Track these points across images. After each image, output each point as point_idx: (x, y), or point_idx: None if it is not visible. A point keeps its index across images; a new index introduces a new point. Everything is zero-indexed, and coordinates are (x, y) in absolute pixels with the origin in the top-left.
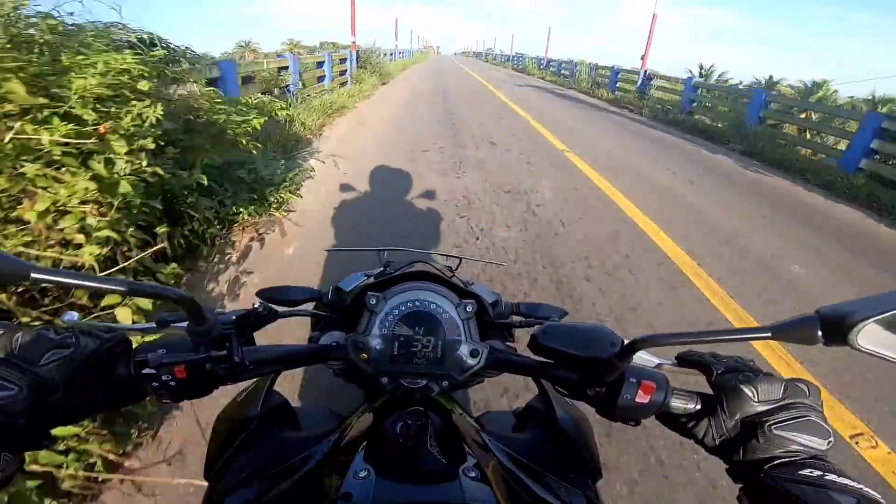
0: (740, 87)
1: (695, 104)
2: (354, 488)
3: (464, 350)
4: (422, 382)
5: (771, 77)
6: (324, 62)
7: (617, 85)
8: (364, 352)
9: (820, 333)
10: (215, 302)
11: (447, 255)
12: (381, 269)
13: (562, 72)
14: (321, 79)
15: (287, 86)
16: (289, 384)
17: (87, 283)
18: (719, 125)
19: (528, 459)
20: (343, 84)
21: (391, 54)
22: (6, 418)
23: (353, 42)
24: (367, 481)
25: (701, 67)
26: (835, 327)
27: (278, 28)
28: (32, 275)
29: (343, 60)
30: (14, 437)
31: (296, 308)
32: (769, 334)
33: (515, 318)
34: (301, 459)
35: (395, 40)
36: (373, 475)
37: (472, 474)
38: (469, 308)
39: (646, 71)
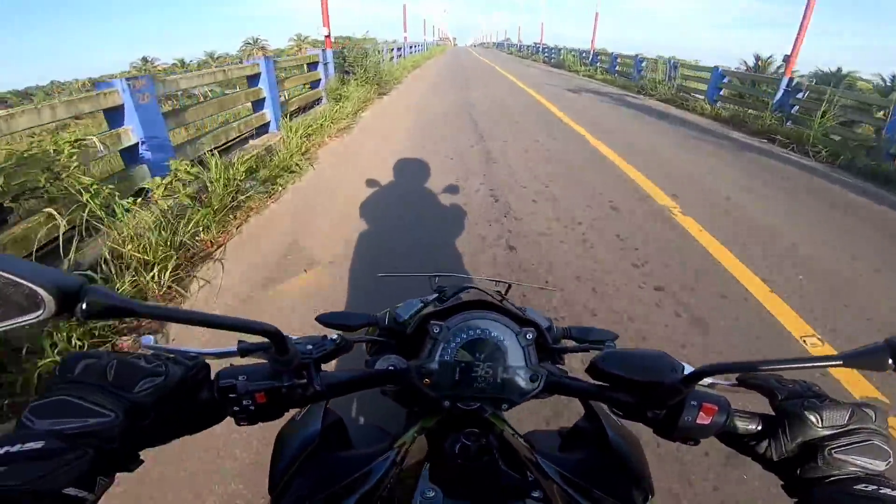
0: None
1: None
2: None
3: (524, 375)
4: (475, 405)
5: (839, 70)
6: (257, 76)
7: (720, 93)
8: (427, 377)
9: (890, 361)
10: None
11: (497, 280)
12: (436, 295)
13: (616, 69)
14: (259, 104)
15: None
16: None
17: (184, 318)
18: None
19: (580, 479)
20: (315, 104)
21: (398, 49)
22: (102, 443)
23: (328, 36)
24: (435, 501)
25: (757, 59)
26: None
27: (293, 27)
28: (137, 310)
29: (312, 66)
30: (108, 460)
31: (359, 335)
32: (840, 362)
33: (569, 343)
34: (361, 477)
35: (403, 32)
36: (440, 495)
37: (536, 494)
38: (529, 336)
39: (791, 79)
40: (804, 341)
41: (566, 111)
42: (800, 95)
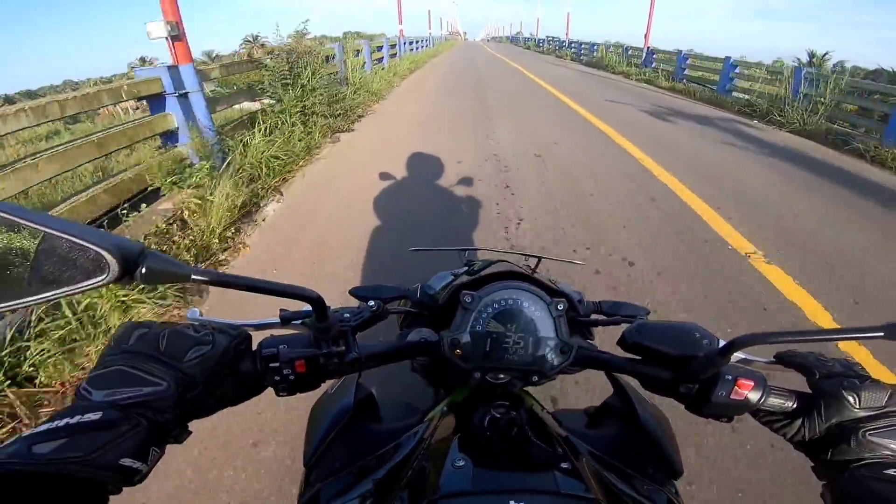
0: None
1: None
2: (453, 477)
3: (554, 346)
4: (505, 378)
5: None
6: None
7: None
8: (458, 347)
9: None
10: None
11: (527, 255)
12: (466, 268)
13: (685, 75)
14: None
15: None
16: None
17: (235, 282)
18: None
19: (609, 456)
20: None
21: (392, 47)
22: (155, 414)
23: (176, 39)
24: (465, 470)
25: (811, 56)
26: None
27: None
28: (192, 276)
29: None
30: (161, 431)
31: (393, 307)
32: (881, 334)
33: (599, 317)
34: (390, 450)
35: (399, 24)
36: (470, 465)
37: (565, 465)
38: (560, 306)
39: None
40: None
41: (701, 184)
42: None
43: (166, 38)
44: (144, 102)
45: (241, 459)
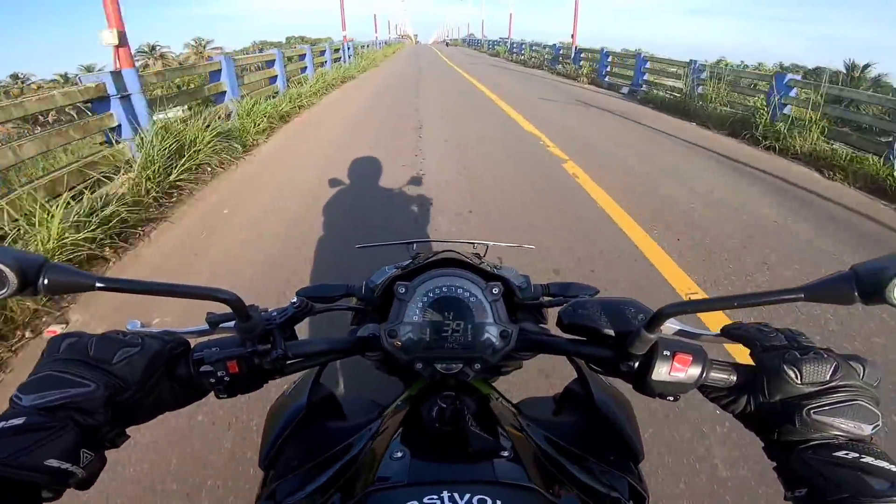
0: None
1: None
2: (390, 468)
3: (493, 332)
4: (456, 368)
5: None
6: None
7: None
8: (397, 340)
9: (856, 292)
10: None
11: (474, 242)
12: (410, 260)
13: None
14: None
15: None
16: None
17: (145, 288)
18: None
19: (568, 443)
20: None
21: (324, 53)
22: (83, 416)
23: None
24: (402, 462)
25: (851, 67)
26: (870, 284)
27: (250, 27)
28: (97, 284)
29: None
30: (93, 434)
31: (332, 304)
32: (801, 295)
33: (544, 299)
34: (344, 447)
35: (342, 30)
36: (408, 456)
37: (506, 454)
38: (495, 290)
39: None
40: None
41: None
42: None
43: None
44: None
45: None
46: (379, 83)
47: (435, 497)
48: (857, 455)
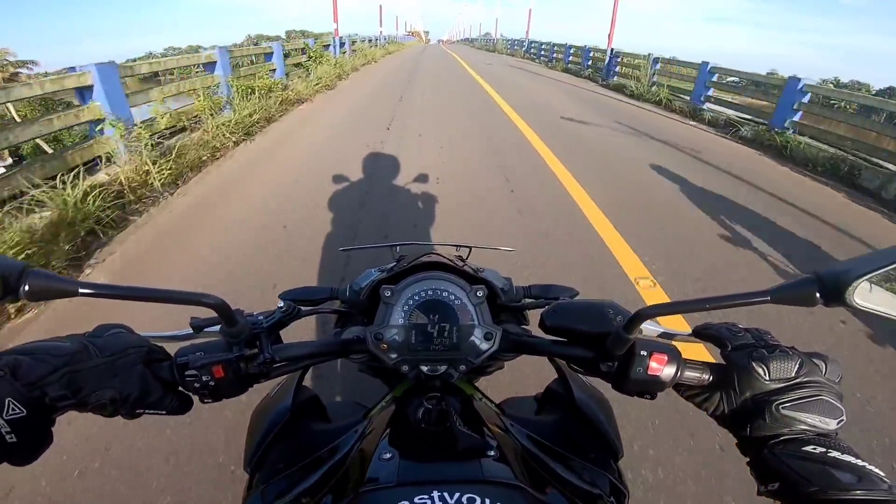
0: None
1: None
2: (379, 470)
3: (478, 334)
4: (441, 369)
5: None
6: None
7: None
8: (383, 342)
9: (818, 295)
10: None
11: (457, 245)
12: (394, 263)
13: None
14: None
15: None
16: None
17: (128, 294)
18: None
19: (550, 441)
20: None
21: (301, 50)
22: (35, 361)
23: None
24: (391, 463)
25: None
26: (832, 288)
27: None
28: (80, 290)
29: None
30: (34, 388)
31: (317, 307)
32: (767, 298)
33: (527, 301)
34: (330, 450)
35: (334, 22)
36: (397, 457)
37: (492, 453)
38: (479, 293)
39: None
40: None
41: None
42: None
43: None
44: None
45: None
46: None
47: (425, 497)
48: (825, 450)
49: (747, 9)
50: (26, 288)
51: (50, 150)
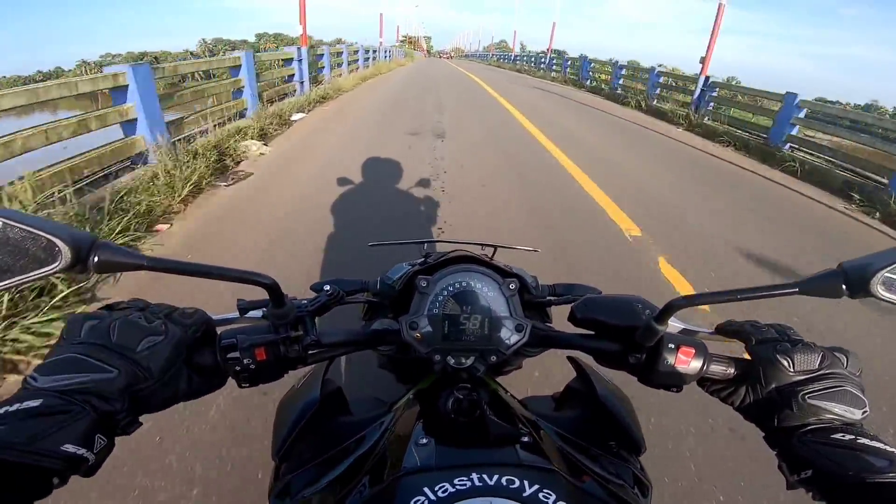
0: None
1: None
2: (416, 454)
3: (509, 325)
4: (467, 362)
5: None
6: None
7: None
8: (417, 331)
9: (844, 287)
10: None
11: (482, 244)
12: (423, 258)
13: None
14: None
15: None
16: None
17: (189, 269)
18: None
19: (573, 435)
20: None
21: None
22: (101, 401)
23: None
24: (428, 448)
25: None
26: (857, 279)
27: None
28: (145, 264)
29: None
30: (107, 419)
31: (353, 297)
32: (796, 290)
33: (552, 297)
34: (357, 441)
35: (300, 26)
36: (433, 443)
37: (526, 440)
38: (512, 286)
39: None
40: None
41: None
42: None
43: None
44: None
45: None
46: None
47: (465, 478)
48: (853, 437)
49: (747, 19)
50: (95, 259)
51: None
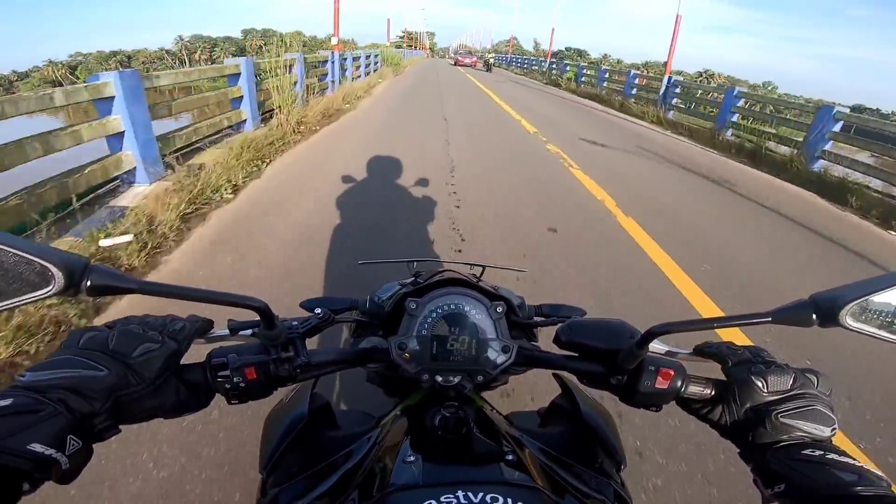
0: None
1: None
2: (403, 472)
3: (496, 347)
4: (455, 380)
5: None
6: None
7: None
8: (406, 352)
9: (814, 317)
10: None
11: (471, 264)
12: (413, 278)
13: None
14: None
15: None
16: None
17: (182, 294)
18: None
19: (556, 451)
20: None
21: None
22: (81, 400)
23: None
24: (415, 465)
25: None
26: (826, 310)
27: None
28: (139, 288)
29: None
30: (83, 422)
31: (343, 317)
32: (769, 319)
33: (539, 319)
34: (345, 455)
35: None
36: (420, 460)
37: (509, 457)
38: (499, 309)
39: None
40: None
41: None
42: None
43: None
44: None
45: None
46: None
47: (451, 496)
48: (823, 452)
49: (749, 18)
50: (88, 283)
51: None
